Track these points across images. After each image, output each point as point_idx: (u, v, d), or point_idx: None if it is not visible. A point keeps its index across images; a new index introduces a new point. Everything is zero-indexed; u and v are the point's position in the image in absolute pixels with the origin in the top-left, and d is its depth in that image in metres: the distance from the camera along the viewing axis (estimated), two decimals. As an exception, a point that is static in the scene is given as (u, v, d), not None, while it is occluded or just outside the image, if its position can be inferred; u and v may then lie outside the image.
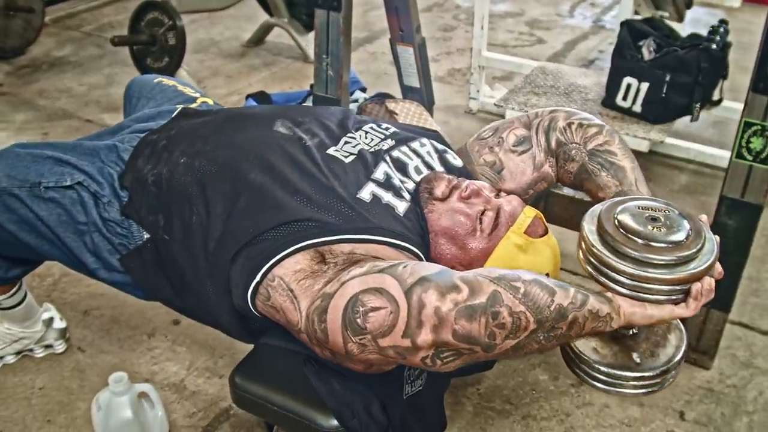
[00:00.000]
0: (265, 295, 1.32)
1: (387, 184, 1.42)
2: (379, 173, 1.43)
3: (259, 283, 1.31)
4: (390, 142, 1.52)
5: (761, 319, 2.29)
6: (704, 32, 2.81)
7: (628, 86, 2.79)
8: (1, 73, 3.88)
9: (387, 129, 1.57)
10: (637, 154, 2.93)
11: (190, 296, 1.50)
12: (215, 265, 1.38)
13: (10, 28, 3.98)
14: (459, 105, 3.56)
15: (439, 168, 1.53)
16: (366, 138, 1.52)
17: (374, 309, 1.14)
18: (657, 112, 2.77)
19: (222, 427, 1.90)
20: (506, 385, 2.04)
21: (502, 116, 3.09)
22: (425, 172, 1.49)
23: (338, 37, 2.34)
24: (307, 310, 1.24)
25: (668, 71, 2.71)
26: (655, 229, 1.16)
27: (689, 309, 1.15)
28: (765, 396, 2.02)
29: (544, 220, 1.38)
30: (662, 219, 1.18)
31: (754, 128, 1.83)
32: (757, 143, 1.84)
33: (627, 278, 1.14)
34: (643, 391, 1.24)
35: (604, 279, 1.16)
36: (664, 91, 2.73)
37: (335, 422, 1.35)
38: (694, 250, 1.15)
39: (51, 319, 2.08)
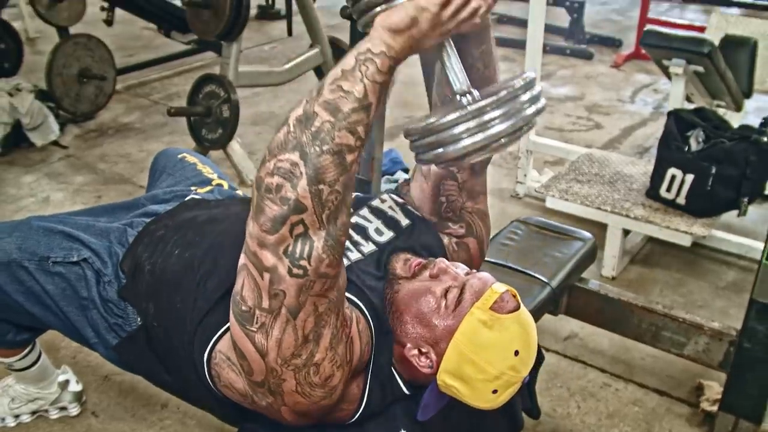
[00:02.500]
0: (217, 377, 1.35)
1: None
2: None
3: (209, 366, 1.35)
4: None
5: (801, 431, 2.15)
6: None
7: (673, 177, 2.72)
8: (69, 136, 4.04)
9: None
10: (680, 249, 2.88)
11: (179, 381, 1.53)
12: (188, 352, 1.40)
13: (82, 94, 4.17)
14: (506, 188, 3.53)
15: (403, 220, 1.52)
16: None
17: (242, 286, 1.20)
18: (702, 205, 2.69)
19: (218, 506, 1.88)
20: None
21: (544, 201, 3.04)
22: (385, 232, 1.49)
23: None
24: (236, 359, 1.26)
25: (714, 163, 2.64)
26: None
27: None
28: None
29: (518, 297, 1.33)
30: None
31: (784, 231, 1.75)
32: (787, 246, 1.76)
33: None
34: (492, 129, 1.14)
35: (362, 17, 1.16)
36: (710, 183, 2.65)
37: None
38: None
39: (67, 382, 2.12)
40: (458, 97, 1.22)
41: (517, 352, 1.30)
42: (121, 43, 5.22)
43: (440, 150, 1.18)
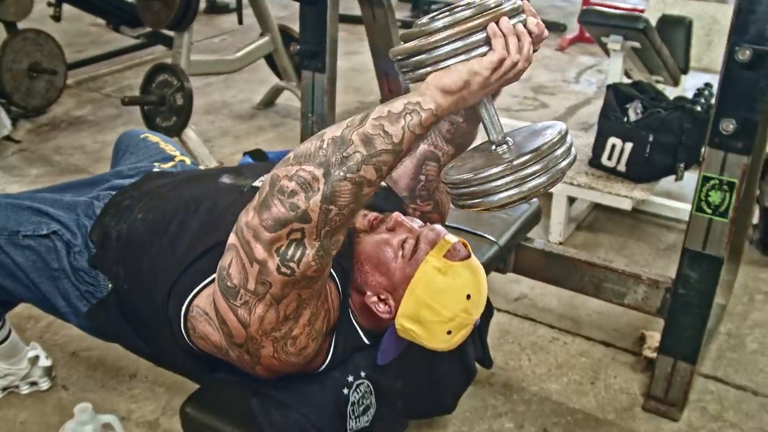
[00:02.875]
0: (192, 329, 1.43)
1: None
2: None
3: (185, 318, 1.42)
4: None
5: (736, 373, 2.30)
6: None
7: (613, 146, 2.86)
8: (22, 131, 4.06)
9: None
10: (622, 215, 3.03)
11: (150, 341, 1.62)
12: (161, 309, 1.49)
13: (33, 89, 4.18)
14: (457, 165, 3.64)
15: None
16: None
17: (229, 264, 1.25)
18: (641, 171, 2.83)
19: (189, 465, 1.95)
20: (471, 432, 2.07)
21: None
22: None
23: (323, 97, 2.46)
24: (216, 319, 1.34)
25: (651, 132, 2.79)
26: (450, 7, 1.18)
27: (496, 50, 1.14)
28: (733, 450, 2.03)
29: (469, 247, 1.44)
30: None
31: (712, 182, 1.89)
32: (715, 197, 1.90)
33: (414, 55, 1.16)
34: (527, 184, 1.19)
35: (408, 75, 1.19)
36: (648, 151, 2.79)
37: (273, 450, 1.40)
38: (477, 2, 1.16)
39: (36, 357, 2.17)
40: (494, 146, 1.27)
41: (468, 296, 1.40)
42: (69, 40, 5.21)
43: (479, 200, 1.22)
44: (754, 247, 2.93)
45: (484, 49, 1.15)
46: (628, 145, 2.82)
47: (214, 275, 1.36)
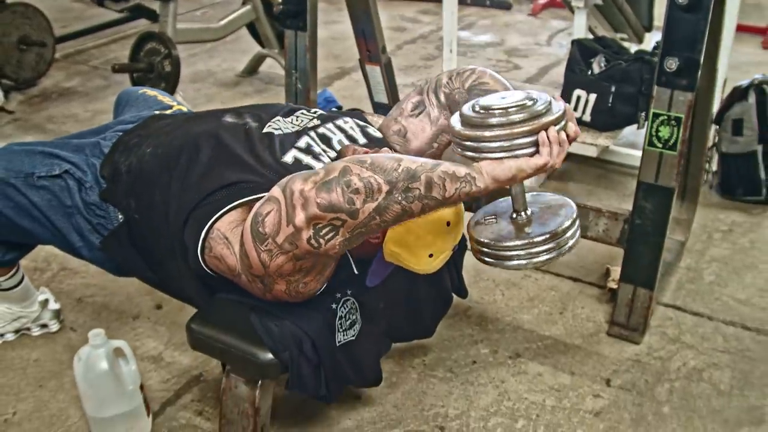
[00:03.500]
0: (209, 249, 1.59)
1: (307, 151, 1.70)
2: (301, 143, 1.71)
3: (204, 239, 1.58)
4: (316, 122, 1.81)
5: (693, 302, 2.50)
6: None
7: (578, 98, 3.04)
8: (14, 102, 4.20)
9: (315, 112, 1.85)
10: (590, 165, 3.21)
11: (160, 268, 1.78)
12: (175, 234, 1.65)
13: (23, 61, 4.30)
14: (434, 124, 3.81)
15: (361, 139, 1.79)
16: (297, 120, 1.80)
17: (267, 213, 1.41)
18: (604, 120, 3.02)
19: (192, 391, 2.14)
20: (449, 357, 2.26)
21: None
22: (347, 143, 1.76)
23: (305, 54, 2.62)
24: (238, 250, 1.50)
25: (613, 83, 2.97)
26: (506, 106, 1.40)
27: (543, 156, 1.39)
28: (688, 366, 2.22)
29: None
30: (523, 98, 1.42)
31: (661, 118, 2.08)
32: (664, 132, 2.08)
33: (473, 141, 1.40)
34: (538, 258, 1.46)
35: (465, 152, 1.42)
36: (610, 101, 2.97)
37: (270, 355, 1.58)
38: (529, 106, 1.38)
39: (46, 301, 2.34)
40: (515, 214, 1.55)
41: (448, 223, 1.59)
42: (53, 16, 5.23)
43: (495, 261, 1.51)
44: (714, 192, 3.13)
45: (530, 150, 1.39)
46: (592, 96, 3.00)
47: (233, 203, 1.56)
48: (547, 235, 1.47)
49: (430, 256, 1.61)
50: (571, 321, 2.42)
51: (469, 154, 1.42)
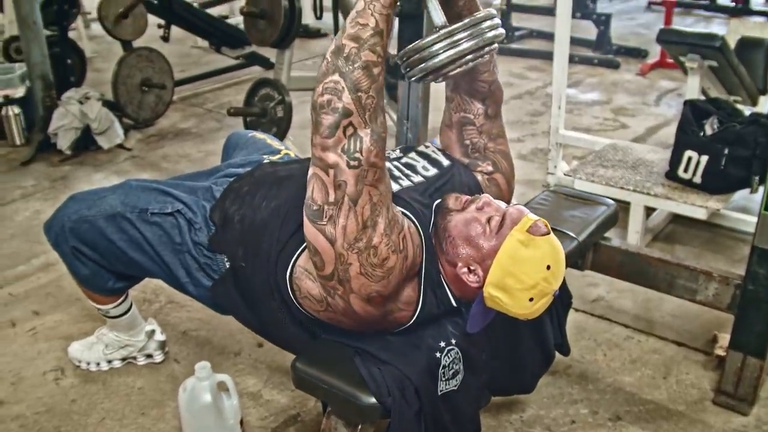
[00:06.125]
0: (298, 290, 1.65)
1: (392, 177, 1.77)
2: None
3: (291, 280, 1.65)
4: (399, 153, 1.91)
5: (807, 375, 2.39)
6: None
7: (689, 159, 2.98)
8: (133, 140, 4.41)
9: (399, 147, 1.95)
10: (699, 228, 3.14)
11: (263, 314, 1.84)
12: (272, 278, 1.71)
13: (144, 102, 4.53)
14: (538, 180, 3.81)
15: (444, 161, 1.87)
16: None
17: (312, 191, 1.51)
18: (716, 183, 2.94)
19: (288, 430, 2.17)
20: (547, 415, 2.22)
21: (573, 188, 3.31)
22: (431, 169, 1.84)
23: (417, 103, 2.67)
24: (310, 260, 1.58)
25: (727, 145, 2.90)
26: None
27: None
28: (800, 443, 2.12)
29: (549, 226, 1.61)
30: None
31: (780, 184, 2.01)
32: (783, 197, 2.02)
33: None
34: (460, 47, 1.50)
35: None
36: (723, 163, 2.91)
37: (373, 399, 1.59)
38: None
39: (153, 332, 2.42)
40: (437, 29, 1.57)
41: (549, 267, 1.58)
42: (173, 60, 5.53)
43: (422, 65, 1.53)
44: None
45: None
46: (704, 158, 2.94)
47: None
48: (460, 24, 1.51)
49: (531, 300, 1.60)
50: (675, 386, 2.35)
51: None
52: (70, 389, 2.33)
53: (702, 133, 3.00)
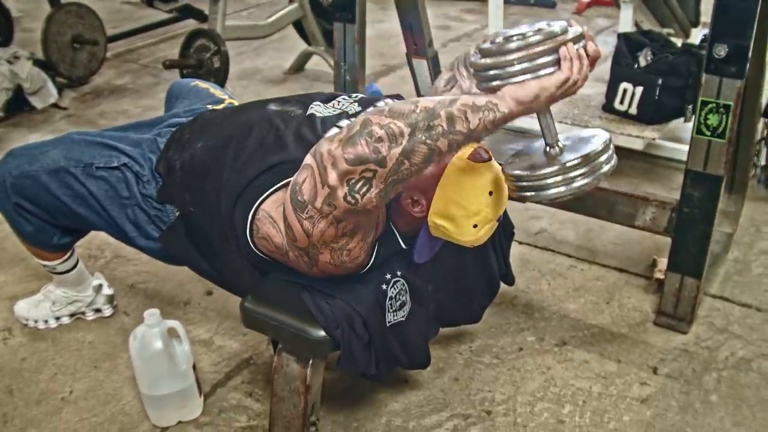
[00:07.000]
0: (257, 230, 1.65)
1: None
2: (342, 123, 1.73)
3: (252, 221, 1.65)
4: (356, 106, 1.84)
5: (741, 294, 2.48)
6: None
7: (624, 91, 3.04)
8: (67, 99, 4.31)
9: (356, 97, 1.90)
10: (636, 159, 3.20)
11: (214, 259, 1.84)
12: (225, 221, 1.71)
13: (77, 60, 4.42)
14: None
15: None
16: (338, 104, 1.85)
17: (303, 181, 1.46)
18: (651, 113, 3.01)
19: (242, 373, 2.19)
20: (496, 344, 2.28)
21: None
22: None
23: (354, 46, 2.66)
24: (283, 225, 1.56)
25: (660, 76, 2.96)
26: (523, 32, 1.39)
27: (564, 71, 1.37)
28: (736, 356, 2.21)
29: (489, 152, 1.64)
30: (541, 24, 1.42)
31: (710, 106, 2.07)
32: (713, 120, 2.08)
33: (494, 69, 1.38)
34: (575, 183, 1.43)
35: (488, 83, 1.40)
36: (657, 94, 2.97)
37: (323, 332, 1.62)
38: (546, 30, 1.38)
39: (100, 286, 2.40)
40: (548, 148, 1.51)
41: (491, 193, 1.60)
42: (105, 17, 5.40)
43: (534, 193, 1.48)
44: (762, 186, 3.10)
45: (552, 69, 1.37)
46: (639, 89, 3.00)
47: (278, 185, 1.61)
48: (579, 159, 1.44)
49: (475, 226, 1.62)
50: (618, 311, 2.42)
51: (492, 84, 1.40)
52: (19, 348, 2.31)
53: (636, 65, 3.05)
